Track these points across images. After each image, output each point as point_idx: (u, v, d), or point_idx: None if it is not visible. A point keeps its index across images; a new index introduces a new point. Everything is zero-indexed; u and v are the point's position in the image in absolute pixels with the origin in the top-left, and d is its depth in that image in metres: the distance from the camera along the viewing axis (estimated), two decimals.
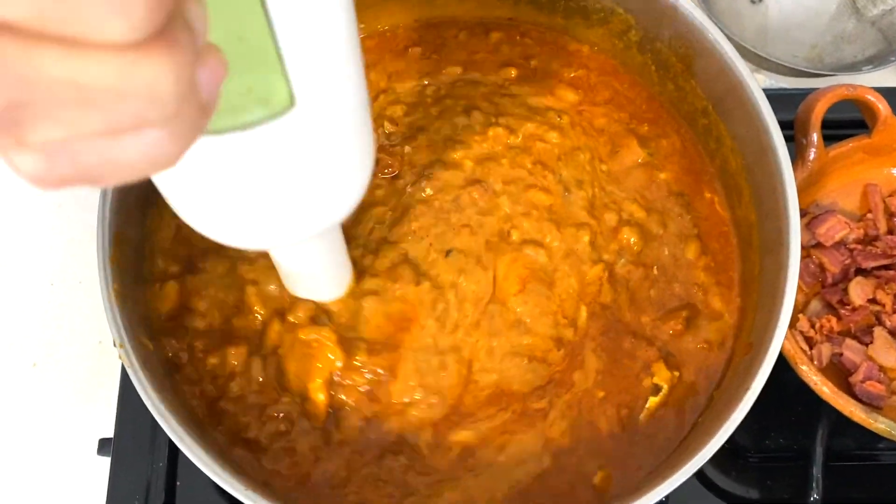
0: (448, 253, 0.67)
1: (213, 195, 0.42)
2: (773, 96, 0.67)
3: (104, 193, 0.60)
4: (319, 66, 0.36)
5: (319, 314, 0.65)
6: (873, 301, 0.74)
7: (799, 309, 0.74)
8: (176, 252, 0.67)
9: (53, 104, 0.24)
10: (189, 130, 0.27)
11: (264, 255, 0.65)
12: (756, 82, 0.64)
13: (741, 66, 0.65)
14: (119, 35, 0.23)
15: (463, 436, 0.64)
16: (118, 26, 0.23)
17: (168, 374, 0.62)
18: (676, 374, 0.66)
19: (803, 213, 0.76)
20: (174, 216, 0.67)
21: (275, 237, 0.47)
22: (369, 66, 0.75)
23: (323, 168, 0.42)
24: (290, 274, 0.62)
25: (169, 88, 0.25)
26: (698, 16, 0.67)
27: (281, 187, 0.42)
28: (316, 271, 0.61)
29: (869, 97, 0.75)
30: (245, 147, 0.37)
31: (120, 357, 0.57)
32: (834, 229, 0.75)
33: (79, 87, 0.24)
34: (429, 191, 0.69)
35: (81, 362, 0.80)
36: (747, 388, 0.57)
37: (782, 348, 0.66)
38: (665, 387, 0.66)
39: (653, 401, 0.66)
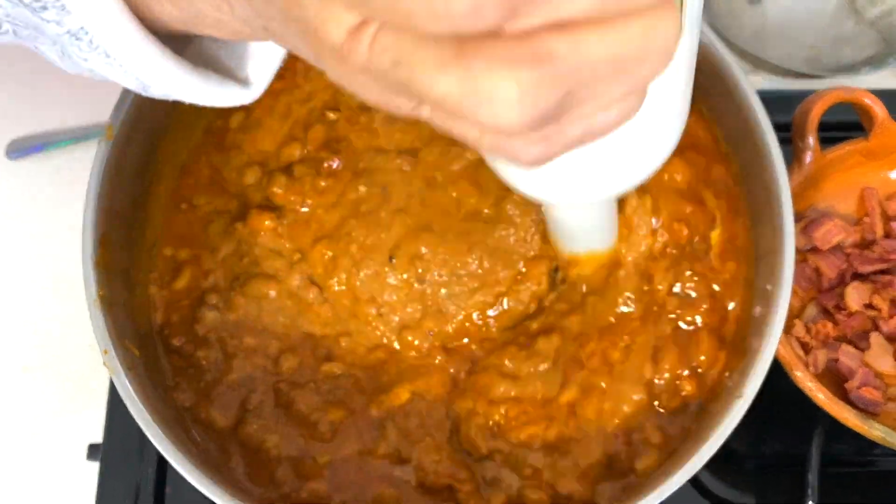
0: None
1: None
2: (771, 98, 0.66)
3: (89, 194, 0.60)
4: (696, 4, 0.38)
5: None
6: (870, 306, 0.73)
7: (794, 314, 0.74)
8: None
9: (594, 84, 0.26)
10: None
11: None
12: (750, 84, 0.64)
13: (735, 69, 0.64)
14: None
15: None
16: None
17: (154, 381, 0.62)
18: None
19: (800, 217, 0.76)
20: (163, 217, 0.68)
21: (604, 189, 0.46)
22: None
23: (669, 110, 0.43)
24: (579, 229, 0.62)
25: (675, 42, 0.26)
26: None
27: (631, 135, 0.39)
28: (606, 222, 0.62)
29: (866, 100, 0.74)
30: None
31: (105, 363, 0.56)
32: (830, 233, 0.75)
33: (614, 61, 0.25)
34: None
35: (71, 367, 0.80)
36: (740, 395, 0.57)
37: (778, 354, 0.66)
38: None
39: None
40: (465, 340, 0.65)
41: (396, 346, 0.65)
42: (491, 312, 0.65)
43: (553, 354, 0.64)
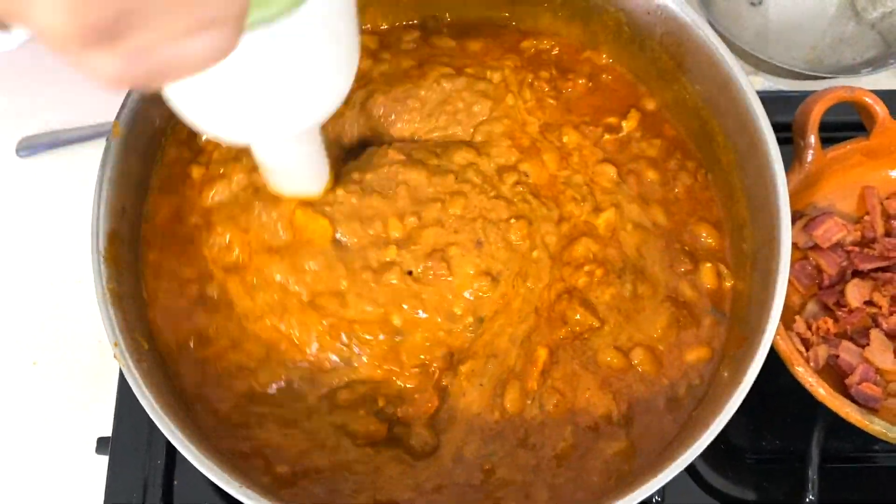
0: None
1: (217, 90, 0.47)
2: (772, 99, 0.67)
3: (98, 192, 0.61)
4: None
5: None
6: (870, 303, 0.74)
7: (795, 311, 0.74)
8: None
9: (151, 10, 0.27)
10: (241, 26, 0.31)
11: None
12: (746, 78, 0.65)
13: (731, 63, 0.65)
14: None
15: None
16: None
17: (164, 373, 0.62)
18: None
19: (801, 215, 0.76)
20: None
21: (266, 131, 0.53)
22: None
23: (316, 66, 0.49)
24: (274, 170, 0.64)
25: None
26: (689, 13, 0.67)
27: (278, 83, 0.47)
28: (298, 167, 0.64)
29: (867, 100, 0.75)
30: (257, 43, 0.42)
31: (115, 356, 0.57)
32: (831, 231, 0.75)
33: None
34: None
35: (81, 361, 0.81)
36: (739, 382, 0.58)
37: (779, 350, 0.66)
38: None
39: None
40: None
41: None
42: None
43: None
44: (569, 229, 0.69)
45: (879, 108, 0.75)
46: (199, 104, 0.48)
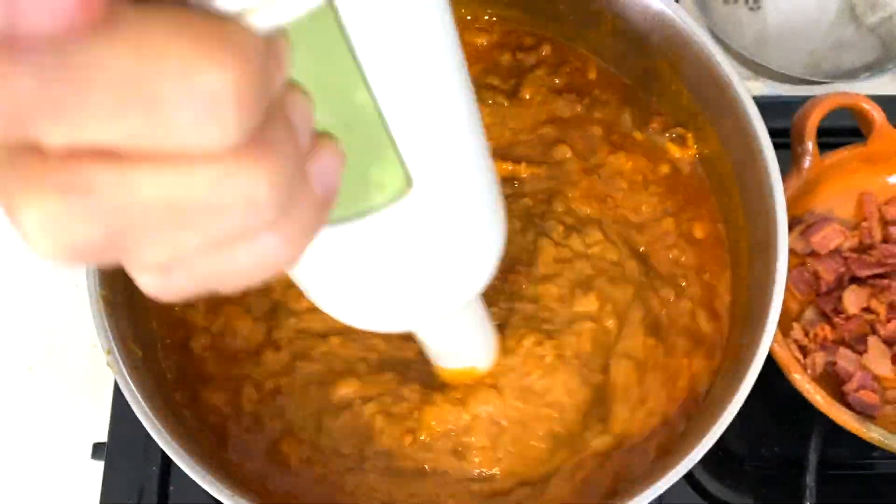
0: None
1: (336, 281, 0.39)
2: (771, 104, 0.67)
3: None
4: (437, 144, 0.33)
5: None
6: (867, 310, 0.73)
7: (793, 317, 0.74)
8: None
9: (151, 228, 0.23)
10: (305, 230, 0.26)
11: None
12: (743, 83, 0.65)
13: (727, 68, 0.65)
14: (211, 142, 0.21)
15: None
16: (209, 133, 0.21)
17: (157, 381, 0.62)
18: None
19: (798, 221, 0.76)
20: None
21: (409, 319, 0.45)
22: None
23: (452, 245, 0.39)
24: (440, 351, 0.60)
25: (266, 195, 0.23)
26: (685, 19, 0.67)
27: (407, 268, 0.38)
28: (465, 343, 0.60)
29: (864, 105, 0.74)
30: (365, 233, 0.34)
31: (108, 364, 0.57)
32: (829, 237, 0.75)
33: (173, 208, 0.22)
34: None
35: (77, 366, 0.80)
36: (737, 389, 0.57)
37: (776, 356, 0.66)
38: None
39: None
40: None
41: None
42: None
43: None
44: None
45: (877, 114, 0.74)
46: (317, 289, 0.41)
